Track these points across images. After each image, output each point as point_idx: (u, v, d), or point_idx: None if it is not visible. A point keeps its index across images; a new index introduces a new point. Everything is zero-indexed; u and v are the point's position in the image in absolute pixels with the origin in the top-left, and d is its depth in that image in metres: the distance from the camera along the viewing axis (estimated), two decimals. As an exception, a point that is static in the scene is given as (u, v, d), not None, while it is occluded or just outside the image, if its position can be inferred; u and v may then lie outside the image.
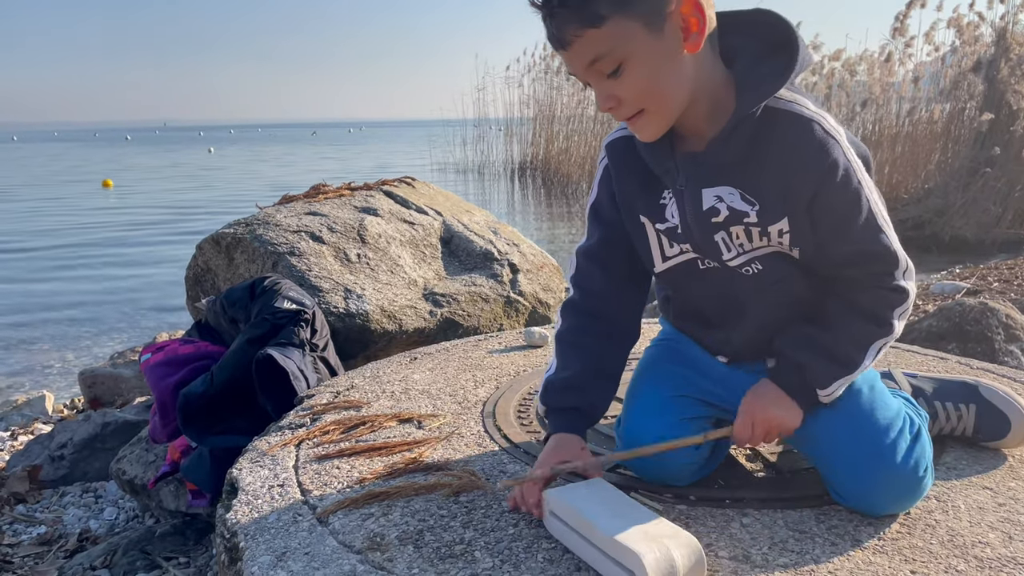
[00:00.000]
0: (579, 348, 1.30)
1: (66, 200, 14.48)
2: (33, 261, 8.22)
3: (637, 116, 1.09)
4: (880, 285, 1.14)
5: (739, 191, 1.13)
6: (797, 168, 1.09)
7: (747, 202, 1.13)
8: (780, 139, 1.09)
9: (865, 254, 1.12)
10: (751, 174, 1.12)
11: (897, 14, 9.47)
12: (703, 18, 1.04)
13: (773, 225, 1.13)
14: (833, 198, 1.10)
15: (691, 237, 1.19)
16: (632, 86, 1.05)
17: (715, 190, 1.14)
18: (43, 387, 4.42)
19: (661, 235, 1.23)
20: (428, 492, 1.29)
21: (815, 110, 1.10)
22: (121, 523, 2.35)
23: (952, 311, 2.85)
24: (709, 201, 1.15)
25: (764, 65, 1.09)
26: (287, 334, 1.94)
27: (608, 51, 1.02)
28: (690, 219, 1.17)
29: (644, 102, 1.07)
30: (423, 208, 2.86)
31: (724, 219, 1.15)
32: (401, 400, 1.71)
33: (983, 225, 7.45)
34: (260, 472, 1.39)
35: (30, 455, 2.80)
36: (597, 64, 1.04)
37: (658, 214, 1.21)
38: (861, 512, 1.19)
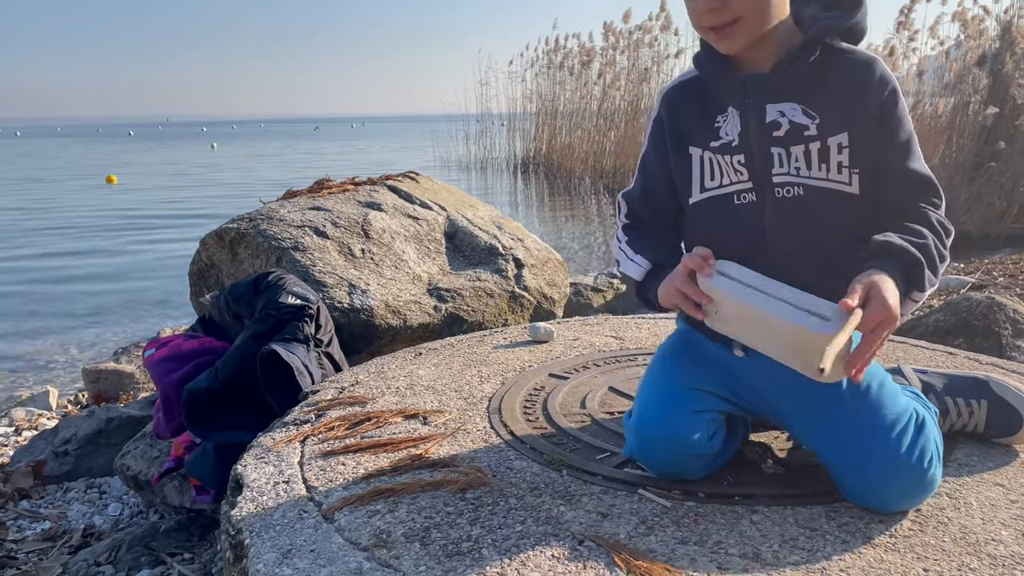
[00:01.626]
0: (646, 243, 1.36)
1: (70, 196, 14.48)
2: (36, 257, 8.22)
3: (732, 24, 1.15)
4: (937, 215, 1.20)
5: (801, 106, 1.20)
6: (861, 89, 1.18)
7: (808, 116, 1.20)
8: (841, 68, 1.20)
9: (923, 182, 1.21)
10: (814, 93, 1.20)
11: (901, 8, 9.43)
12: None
13: (833, 137, 1.18)
14: (895, 125, 1.19)
15: (747, 147, 1.23)
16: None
17: (779, 105, 1.21)
18: (47, 382, 4.42)
19: (705, 162, 1.28)
20: (434, 489, 1.28)
21: (872, 54, 1.21)
22: (125, 519, 2.35)
23: (959, 306, 2.84)
24: (772, 115, 1.21)
25: (827, 11, 1.19)
26: (291, 329, 1.93)
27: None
28: (751, 130, 1.22)
29: (747, 9, 1.14)
30: (427, 203, 2.84)
31: (785, 133, 1.21)
32: (406, 396, 1.70)
33: (988, 220, 7.41)
34: (265, 468, 1.39)
35: (34, 450, 2.80)
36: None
37: (711, 136, 1.27)
38: (871, 509, 1.18)
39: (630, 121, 12.81)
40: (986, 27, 8.60)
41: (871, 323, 1.08)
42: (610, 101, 13.48)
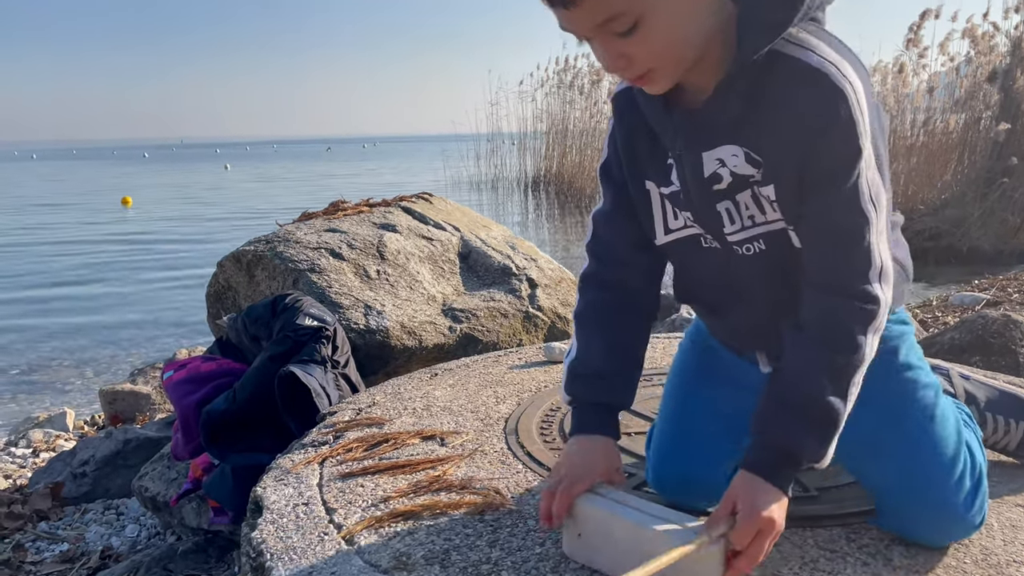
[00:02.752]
0: (599, 328, 1.17)
1: (86, 218, 14.64)
2: (53, 279, 8.30)
3: (646, 75, 0.95)
4: (851, 292, 0.97)
5: (744, 150, 0.98)
6: (789, 122, 0.94)
7: (752, 162, 0.98)
8: (778, 91, 0.94)
9: (842, 241, 0.96)
10: (757, 127, 0.96)
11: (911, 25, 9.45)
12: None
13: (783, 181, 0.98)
14: (823, 159, 0.94)
15: (691, 205, 1.06)
16: (648, 44, 0.90)
17: (716, 152, 1.00)
18: (64, 404, 4.45)
19: (666, 201, 1.10)
20: (453, 510, 1.28)
21: (826, 57, 0.92)
22: (143, 540, 2.36)
23: (975, 323, 2.83)
24: (711, 166, 1.01)
25: (765, 6, 0.92)
26: (309, 351, 1.94)
27: (624, 9, 0.87)
28: (691, 186, 1.04)
29: (655, 61, 0.93)
30: (441, 224, 2.87)
31: (728, 186, 1.01)
32: (423, 417, 1.71)
33: (1001, 236, 7.38)
34: (284, 490, 1.40)
35: (52, 472, 2.82)
36: (610, 24, 0.89)
37: (664, 176, 1.07)
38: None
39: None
40: (996, 43, 8.61)
41: (744, 539, 0.96)
42: (620, 120, 13.53)
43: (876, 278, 0.97)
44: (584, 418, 1.16)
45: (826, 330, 0.98)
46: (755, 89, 0.94)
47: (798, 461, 0.99)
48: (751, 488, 0.98)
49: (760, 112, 0.95)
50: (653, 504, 1.08)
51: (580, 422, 1.17)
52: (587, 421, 1.16)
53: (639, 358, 1.20)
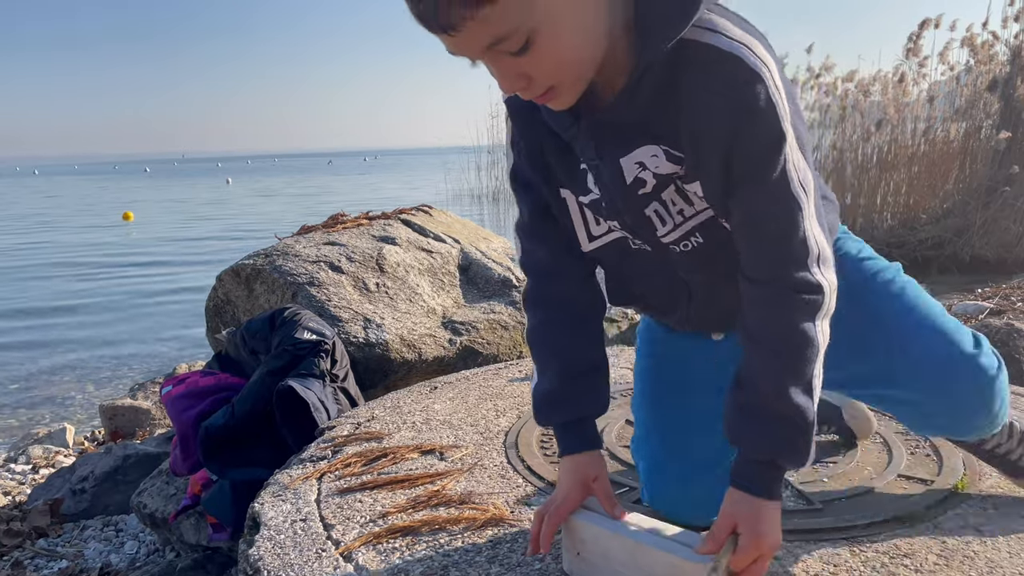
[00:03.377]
0: (552, 348, 1.12)
1: (86, 233, 14.66)
2: (54, 294, 8.30)
3: (548, 92, 0.88)
4: (792, 282, 0.92)
5: (663, 148, 0.93)
6: (707, 112, 0.88)
7: (673, 160, 0.93)
8: (691, 79, 0.88)
9: (773, 230, 0.92)
10: (671, 121, 0.90)
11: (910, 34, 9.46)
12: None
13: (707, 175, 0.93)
14: (745, 149, 0.89)
15: (617, 214, 1.01)
16: (546, 60, 0.83)
17: (634, 155, 0.94)
18: (64, 419, 4.44)
19: (585, 209, 1.05)
20: (452, 526, 1.27)
21: (737, 38, 0.86)
22: (142, 557, 2.34)
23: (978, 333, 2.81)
24: (631, 171, 0.95)
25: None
26: (307, 365, 1.93)
27: (512, 28, 0.80)
28: (614, 194, 0.98)
29: (556, 76, 0.86)
30: (441, 236, 2.86)
31: (653, 188, 0.96)
32: (422, 431, 1.70)
33: (1004, 244, 7.36)
34: (282, 506, 1.38)
35: (51, 489, 2.81)
36: (500, 46, 0.81)
37: (579, 184, 1.02)
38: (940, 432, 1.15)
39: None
40: (996, 52, 8.62)
41: (746, 562, 0.94)
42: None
43: (815, 263, 0.93)
44: (564, 439, 1.13)
45: (776, 333, 0.94)
46: (665, 81, 0.88)
47: (782, 468, 0.97)
48: (748, 508, 0.96)
49: (673, 104, 0.89)
50: (649, 519, 1.07)
51: (562, 444, 1.14)
52: (567, 442, 1.13)
53: (598, 359, 1.14)
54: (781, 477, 0.97)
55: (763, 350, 0.95)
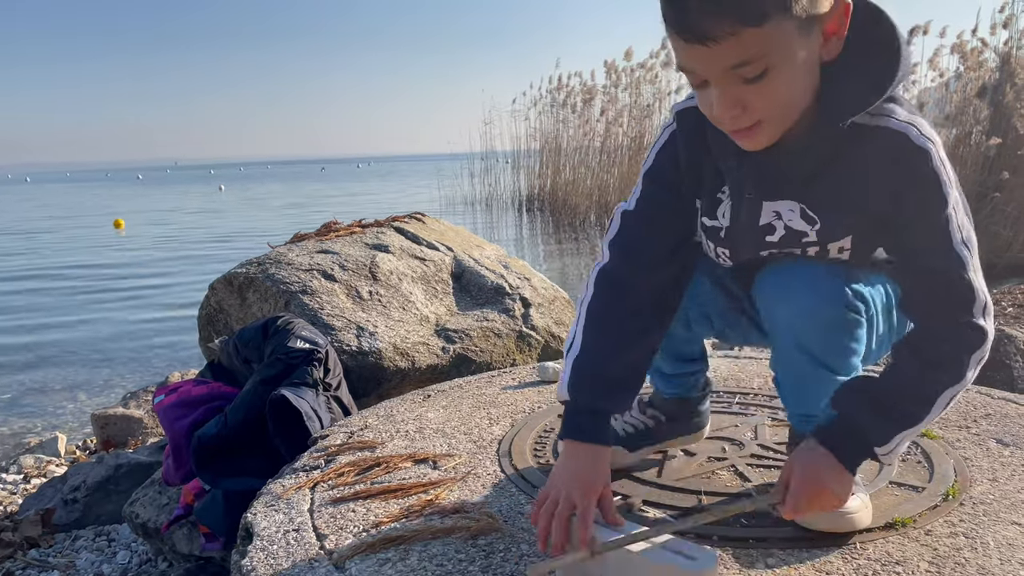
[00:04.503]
0: (613, 331, 1.17)
1: (78, 240, 14.61)
2: (44, 302, 8.27)
3: (753, 127, 0.97)
4: (955, 323, 1.03)
5: (801, 206, 1.06)
6: (875, 185, 1.00)
7: (807, 220, 1.06)
8: (861, 155, 1.00)
9: (940, 281, 1.02)
10: (821, 191, 1.04)
11: (901, 41, 9.51)
12: (847, 24, 0.95)
13: (834, 243, 1.07)
14: (915, 214, 1.01)
15: (734, 244, 1.13)
16: (768, 96, 0.93)
17: (776, 204, 1.07)
18: (55, 428, 4.42)
19: (702, 227, 1.17)
20: (446, 535, 1.27)
21: (906, 119, 0.99)
22: (134, 567, 2.33)
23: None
24: (767, 216, 1.08)
25: (863, 75, 0.97)
26: (300, 374, 1.93)
27: (761, 55, 0.89)
28: (742, 229, 1.10)
29: (770, 113, 0.95)
30: (434, 244, 2.86)
31: (780, 239, 1.09)
32: (415, 440, 1.70)
33: (994, 250, 7.41)
34: (275, 516, 1.38)
35: (43, 498, 2.79)
36: (743, 68, 0.90)
37: (711, 207, 1.14)
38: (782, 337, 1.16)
39: (633, 157, 12.91)
40: (985, 59, 8.68)
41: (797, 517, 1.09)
42: (613, 138, 13.60)
43: (980, 312, 1.03)
44: (580, 422, 1.16)
45: (935, 353, 1.04)
46: (832, 152, 1.01)
47: (871, 448, 1.07)
48: (816, 463, 1.07)
49: (838, 170, 1.02)
50: (645, 528, 1.08)
51: (576, 425, 1.16)
52: (583, 426, 1.15)
53: (644, 372, 1.22)
54: (864, 454, 1.08)
55: (917, 367, 1.05)
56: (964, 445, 1.57)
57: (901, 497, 1.34)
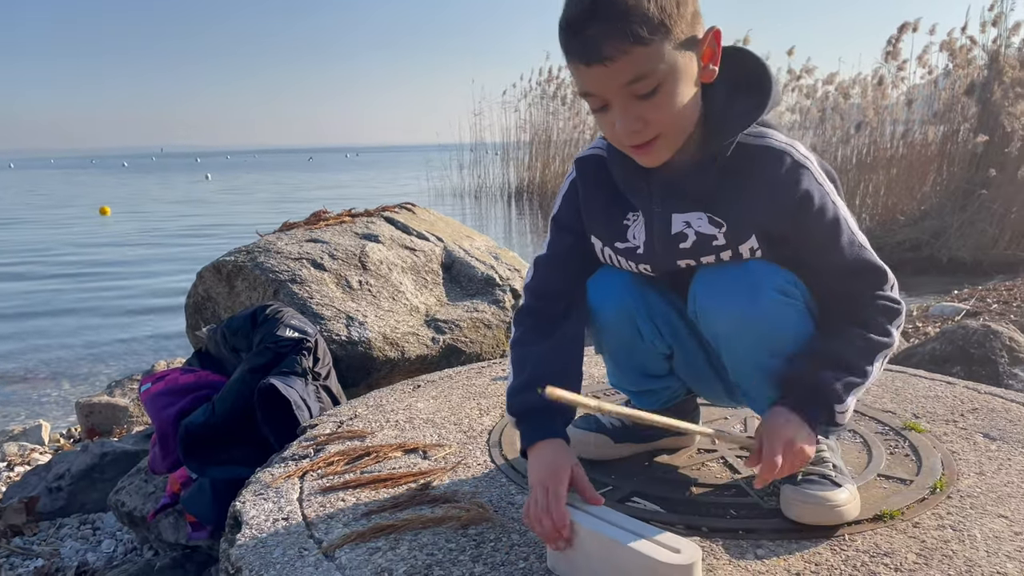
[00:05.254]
0: (536, 348, 1.28)
1: (63, 228, 14.48)
2: (29, 289, 8.19)
3: (653, 141, 1.09)
4: (875, 298, 1.18)
5: (707, 215, 1.17)
6: (771, 200, 1.14)
7: (714, 224, 1.17)
8: (752, 172, 1.14)
9: (854, 271, 1.17)
10: (722, 197, 1.16)
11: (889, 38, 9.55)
12: (719, 51, 1.10)
13: (743, 244, 1.18)
14: (812, 225, 1.15)
15: (653, 258, 1.24)
16: (663, 109, 1.06)
17: (685, 216, 1.19)
18: (40, 416, 4.38)
19: (608, 255, 1.29)
20: (436, 525, 1.26)
21: (785, 141, 1.15)
22: (119, 555, 2.32)
23: (955, 334, 2.85)
24: (678, 226, 1.19)
25: (740, 101, 1.13)
26: (289, 363, 1.92)
27: (651, 71, 1.02)
28: (657, 242, 1.22)
29: (667, 126, 1.08)
30: (424, 234, 2.85)
31: (692, 245, 1.20)
32: (405, 429, 1.69)
33: (981, 246, 7.46)
34: (264, 505, 1.37)
35: (27, 486, 2.77)
36: (636, 84, 1.03)
37: (617, 235, 1.26)
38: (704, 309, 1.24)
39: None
40: (974, 56, 8.72)
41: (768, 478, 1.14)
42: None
43: (891, 288, 1.19)
44: (529, 427, 1.22)
45: (864, 322, 1.18)
46: (729, 167, 1.14)
47: (831, 408, 1.16)
48: (781, 428, 1.15)
49: (735, 186, 1.15)
50: (631, 519, 1.08)
51: (526, 432, 1.22)
52: (533, 428, 1.21)
53: (577, 372, 1.29)
54: (824, 413, 1.17)
55: (854, 332, 1.17)
56: (951, 439, 1.58)
57: (890, 490, 1.35)
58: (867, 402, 1.81)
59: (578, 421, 1.50)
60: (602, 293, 1.32)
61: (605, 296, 1.31)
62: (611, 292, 1.31)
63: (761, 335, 1.20)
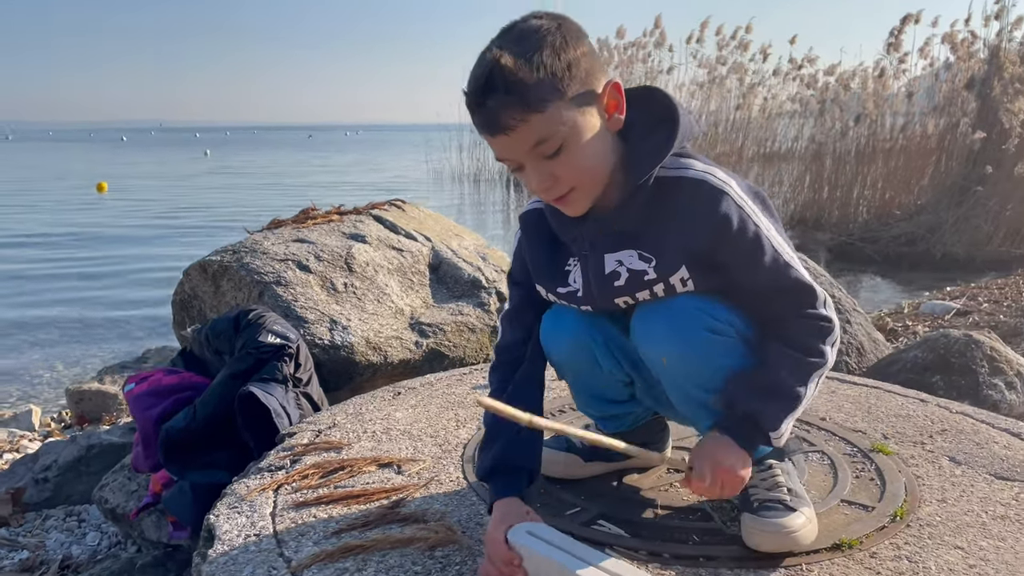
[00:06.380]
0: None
1: (59, 203, 14.44)
2: (22, 268, 8.19)
3: (568, 194, 1.16)
4: (805, 317, 1.20)
5: (637, 251, 1.22)
6: (691, 226, 1.17)
7: (644, 260, 1.21)
8: (673, 204, 1.18)
9: (779, 290, 1.20)
10: (650, 237, 1.20)
11: (892, 29, 9.49)
12: (622, 100, 1.15)
13: (673, 276, 1.20)
14: (733, 247, 1.17)
15: (592, 299, 1.28)
16: (571, 165, 1.12)
17: (616, 255, 1.23)
18: (31, 399, 4.41)
19: (553, 300, 1.34)
20: (404, 546, 1.29)
21: (702, 169, 1.18)
22: (104, 549, 2.35)
23: (937, 343, 2.86)
24: (611, 265, 1.24)
25: (650, 139, 1.18)
26: (270, 369, 1.94)
27: (552, 133, 1.09)
28: (592, 282, 1.26)
29: (578, 180, 1.15)
30: (412, 234, 2.86)
31: (625, 282, 1.23)
32: (382, 441, 1.72)
33: (975, 243, 7.47)
34: (237, 519, 1.40)
35: (14, 476, 2.79)
36: (540, 147, 1.10)
37: (560, 280, 1.30)
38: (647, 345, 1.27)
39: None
40: (976, 50, 8.67)
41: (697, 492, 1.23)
42: (603, 116, 13.52)
43: (822, 305, 1.21)
44: (495, 487, 1.28)
45: (795, 343, 1.21)
46: (651, 202, 1.18)
47: (762, 430, 1.21)
48: (723, 445, 1.21)
49: (658, 219, 1.19)
50: (588, 548, 1.11)
51: (492, 492, 1.28)
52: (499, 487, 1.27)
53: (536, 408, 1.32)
54: (758, 437, 1.22)
55: (785, 354, 1.20)
56: (918, 462, 1.61)
57: (851, 517, 1.37)
58: (839, 420, 1.84)
59: (548, 440, 1.52)
60: (555, 328, 1.35)
61: (559, 331, 1.35)
62: (564, 326, 1.34)
63: (691, 372, 1.24)
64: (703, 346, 1.21)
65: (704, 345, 1.21)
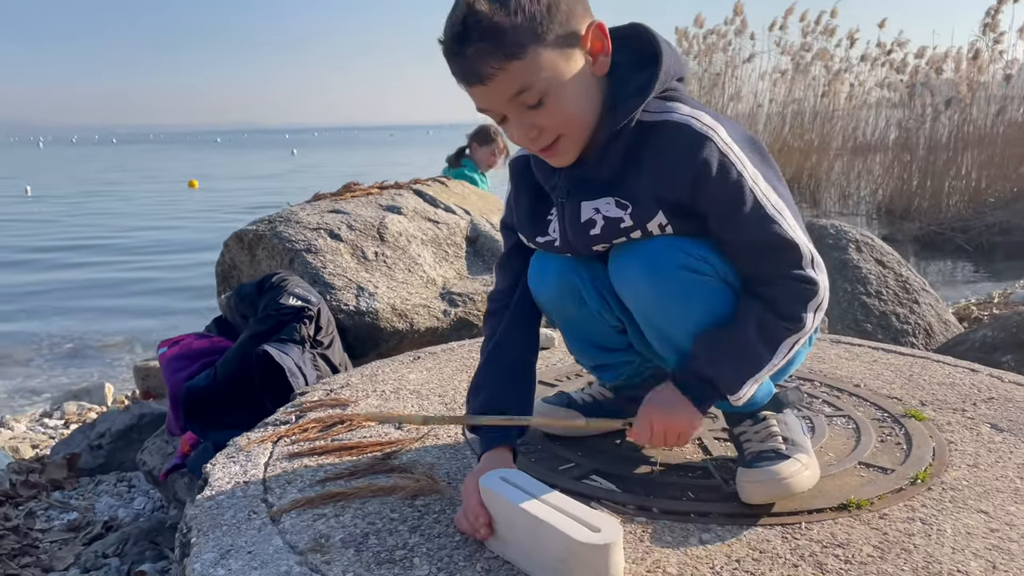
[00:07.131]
0: (489, 353, 1.30)
1: (156, 199, 15.15)
2: (118, 257, 8.60)
3: (555, 143, 1.10)
4: (787, 278, 1.10)
5: (614, 199, 1.14)
6: (669, 172, 1.09)
7: (620, 207, 1.14)
8: (653, 148, 1.10)
9: (762, 246, 1.10)
10: (627, 182, 1.13)
11: (988, 9, 8.97)
12: (607, 41, 1.08)
13: (651, 222, 1.12)
14: (711, 196, 1.08)
15: (568, 247, 1.22)
16: (555, 114, 1.06)
17: (593, 203, 1.16)
18: (110, 378, 4.60)
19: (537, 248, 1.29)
20: (386, 494, 1.26)
21: (688, 112, 1.09)
22: (147, 512, 2.41)
23: (1009, 321, 2.67)
24: (587, 213, 1.17)
25: (631, 82, 1.11)
26: (289, 331, 1.95)
27: (532, 81, 1.03)
28: (569, 231, 1.20)
29: (564, 128, 1.09)
30: (451, 207, 2.84)
31: (601, 230, 1.16)
32: (389, 399, 1.69)
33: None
34: (231, 468, 1.40)
35: (72, 444, 2.91)
36: (521, 96, 1.04)
37: (540, 229, 1.24)
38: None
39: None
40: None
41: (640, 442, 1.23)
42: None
43: (808, 265, 1.10)
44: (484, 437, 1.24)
45: (773, 304, 1.11)
46: (631, 148, 1.11)
47: (717, 389, 1.14)
48: (659, 403, 1.17)
49: (637, 165, 1.11)
50: (564, 497, 1.05)
51: (482, 443, 1.24)
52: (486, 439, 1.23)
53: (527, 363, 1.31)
54: (714, 396, 1.16)
55: (758, 314, 1.11)
56: (954, 428, 1.48)
57: (866, 478, 1.27)
58: (875, 387, 1.71)
59: (550, 397, 1.48)
60: (541, 271, 1.29)
61: (545, 273, 1.29)
62: (550, 268, 1.28)
63: (666, 313, 1.16)
64: (676, 286, 1.13)
65: (677, 285, 1.13)
